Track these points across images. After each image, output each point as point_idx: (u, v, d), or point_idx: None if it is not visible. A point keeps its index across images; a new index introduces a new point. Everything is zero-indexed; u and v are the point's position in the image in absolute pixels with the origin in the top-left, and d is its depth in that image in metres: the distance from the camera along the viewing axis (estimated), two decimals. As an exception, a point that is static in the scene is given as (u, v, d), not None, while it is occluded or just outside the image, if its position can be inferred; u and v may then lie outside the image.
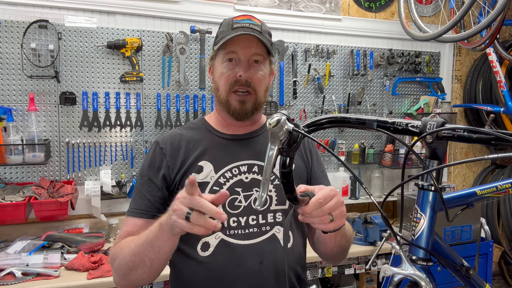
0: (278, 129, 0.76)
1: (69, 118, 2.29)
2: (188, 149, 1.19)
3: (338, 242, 1.11)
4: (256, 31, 1.15)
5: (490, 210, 3.10)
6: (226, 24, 1.20)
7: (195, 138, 1.22)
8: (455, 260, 0.96)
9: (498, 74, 2.86)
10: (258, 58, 1.17)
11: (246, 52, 1.15)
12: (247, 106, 1.17)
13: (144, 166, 1.21)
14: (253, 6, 2.62)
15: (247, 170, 1.18)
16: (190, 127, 1.27)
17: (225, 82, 1.17)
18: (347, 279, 2.55)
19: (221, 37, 1.17)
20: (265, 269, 1.11)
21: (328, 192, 0.89)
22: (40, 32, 2.20)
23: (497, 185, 0.97)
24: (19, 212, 1.97)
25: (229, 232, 1.13)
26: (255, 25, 1.17)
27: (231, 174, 1.17)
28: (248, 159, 1.19)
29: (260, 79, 1.17)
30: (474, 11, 2.57)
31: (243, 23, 1.16)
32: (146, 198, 1.16)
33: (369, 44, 2.92)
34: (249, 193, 1.16)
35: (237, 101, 1.17)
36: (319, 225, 0.90)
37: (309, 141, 1.31)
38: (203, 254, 1.12)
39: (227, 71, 1.16)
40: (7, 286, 1.72)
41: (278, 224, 1.17)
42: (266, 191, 0.82)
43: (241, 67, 1.15)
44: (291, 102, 2.73)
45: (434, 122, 0.76)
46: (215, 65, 1.22)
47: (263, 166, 1.14)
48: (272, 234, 1.15)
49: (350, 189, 2.79)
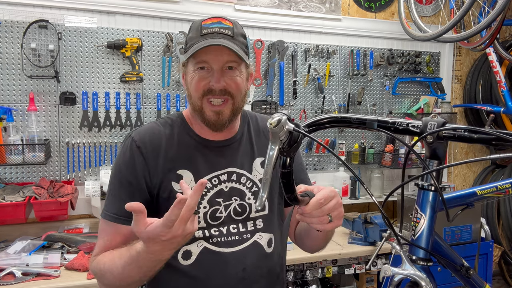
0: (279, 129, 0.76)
1: (69, 118, 2.29)
2: (167, 152, 1.12)
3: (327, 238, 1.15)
4: (227, 36, 1.07)
5: (490, 210, 3.10)
6: (195, 29, 1.11)
7: (175, 140, 1.14)
8: (455, 260, 0.96)
9: (498, 74, 2.86)
10: (232, 64, 1.09)
11: (218, 61, 1.07)
12: (223, 117, 1.10)
13: (120, 165, 1.11)
14: (253, 6, 2.62)
15: (227, 179, 1.14)
16: (169, 123, 1.18)
17: (198, 91, 1.09)
18: (347, 279, 2.55)
19: (190, 44, 1.09)
20: (247, 276, 1.11)
21: (328, 193, 0.89)
22: (40, 32, 2.20)
23: (497, 185, 0.97)
24: (19, 212, 1.97)
25: (212, 241, 1.11)
26: (226, 28, 1.08)
27: (211, 185, 1.13)
28: (226, 166, 1.15)
29: (236, 84, 1.10)
30: (474, 11, 2.57)
31: (213, 28, 1.08)
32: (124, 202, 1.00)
33: (369, 44, 2.92)
34: (229, 202, 1.13)
35: (212, 112, 1.09)
36: (317, 225, 0.90)
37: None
38: (184, 263, 1.09)
39: (199, 79, 1.08)
40: (7, 286, 1.72)
41: (259, 230, 1.15)
42: (266, 191, 0.82)
43: (214, 77, 1.07)
44: (291, 102, 2.73)
45: (434, 122, 0.76)
46: (187, 72, 1.12)
47: (241, 174, 1.16)
48: (254, 241, 1.14)
49: (350, 189, 2.79)
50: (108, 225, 1.08)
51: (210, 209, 1.12)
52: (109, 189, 1.12)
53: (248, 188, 1.16)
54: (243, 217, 1.14)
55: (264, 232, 1.16)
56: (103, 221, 1.10)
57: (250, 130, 1.24)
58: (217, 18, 1.11)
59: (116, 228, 1.07)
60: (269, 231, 1.17)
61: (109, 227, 1.08)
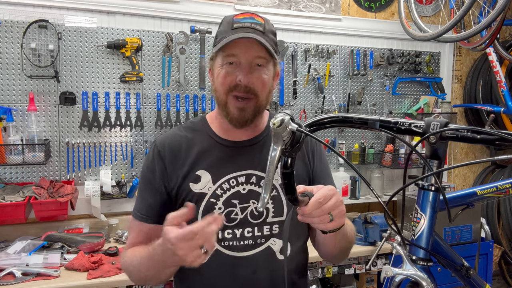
0: (282, 129, 0.75)
1: (69, 118, 2.29)
2: (187, 154, 1.15)
3: (338, 244, 1.09)
4: (258, 32, 1.07)
5: (490, 210, 3.09)
6: (226, 22, 1.11)
7: (195, 142, 1.17)
8: (455, 260, 0.96)
9: (498, 74, 2.85)
10: (261, 61, 1.08)
11: (247, 56, 1.07)
12: (246, 114, 1.10)
13: (144, 168, 1.19)
14: (253, 6, 2.61)
15: (245, 181, 1.14)
16: (191, 127, 1.21)
17: (224, 85, 1.09)
18: (347, 279, 2.55)
19: (221, 37, 1.09)
20: (257, 280, 1.11)
21: (327, 191, 0.88)
22: (40, 32, 2.20)
23: (497, 185, 0.97)
24: (19, 212, 1.96)
25: (224, 244, 1.11)
26: (257, 24, 1.09)
27: (228, 186, 1.13)
28: (246, 169, 1.15)
29: (263, 83, 1.09)
30: (474, 11, 2.57)
31: (245, 23, 1.08)
32: (148, 202, 1.15)
33: (369, 44, 2.92)
34: (246, 205, 1.13)
35: (236, 108, 1.10)
36: (319, 225, 0.90)
37: (312, 142, 1.25)
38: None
39: (226, 74, 1.08)
40: (7, 286, 1.72)
41: (274, 236, 1.14)
42: (268, 193, 0.81)
43: (242, 71, 1.07)
44: (291, 102, 2.73)
45: (437, 122, 0.76)
46: (215, 67, 1.13)
47: (261, 177, 1.15)
48: (267, 246, 1.14)
49: (350, 189, 2.79)
50: (134, 223, 1.17)
51: (225, 210, 1.12)
52: (138, 189, 1.22)
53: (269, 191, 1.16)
54: (260, 220, 1.14)
55: (278, 238, 1.15)
56: (132, 219, 1.19)
57: None
58: (249, 14, 1.12)
59: (140, 225, 1.16)
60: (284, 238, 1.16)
61: (135, 224, 1.17)
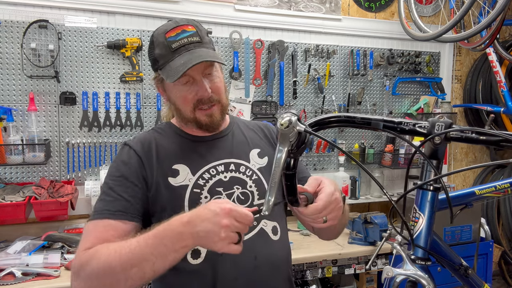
0: (289, 130, 0.74)
1: (69, 118, 2.29)
2: (160, 151, 1.15)
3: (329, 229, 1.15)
4: (196, 44, 1.10)
5: (490, 210, 3.09)
6: (162, 45, 1.11)
7: (166, 141, 1.19)
8: (453, 260, 0.96)
9: (498, 74, 2.85)
10: (210, 70, 1.13)
11: (198, 72, 1.10)
12: (215, 118, 1.16)
13: (114, 168, 1.13)
14: (253, 6, 2.61)
15: (224, 169, 1.16)
16: (158, 130, 1.23)
17: (188, 104, 1.13)
18: (347, 279, 2.55)
19: (164, 62, 1.10)
20: (259, 263, 1.11)
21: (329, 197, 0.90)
22: (40, 32, 2.20)
23: (495, 185, 0.97)
24: (19, 212, 1.97)
25: None
26: (192, 35, 1.10)
27: (209, 175, 1.15)
28: (223, 158, 1.18)
29: (219, 87, 1.15)
30: (474, 11, 2.57)
31: (181, 39, 1.09)
32: (122, 199, 1.06)
33: (369, 44, 2.92)
34: (231, 191, 1.15)
35: (205, 116, 1.15)
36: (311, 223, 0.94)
37: (274, 132, 1.31)
38: (194, 262, 1.08)
39: (187, 94, 1.12)
40: (7, 286, 1.72)
41: (263, 217, 1.16)
42: (273, 196, 0.80)
43: (200, 88, 1.11)
44: (291, 102, 2.73)
45: (442, 123, 0.75)
46: (168, 87, 1.16)
47: (240, 164, 1.18)
48: (260, 228, 1.15)
49: (350, 189, 2.79)
50: (97, 224, 1.04)
51: (211, 199, 1.13)
52: (102, 192, 1.10)
53: (249, 176, 1.18)
54: (247, 204, 1.16)
55: (268, 219, 1.17)
56: (92, 222, 1.05)
57: (239, 126, 1.30)
58: (179, 28, 1.11)
59: (108, 223, 1.03)
60: (272, 219, 1.18)
61: (98, 223, 1.04)
